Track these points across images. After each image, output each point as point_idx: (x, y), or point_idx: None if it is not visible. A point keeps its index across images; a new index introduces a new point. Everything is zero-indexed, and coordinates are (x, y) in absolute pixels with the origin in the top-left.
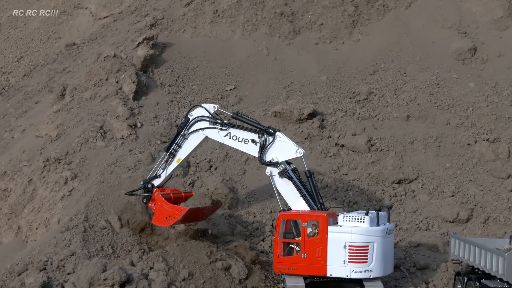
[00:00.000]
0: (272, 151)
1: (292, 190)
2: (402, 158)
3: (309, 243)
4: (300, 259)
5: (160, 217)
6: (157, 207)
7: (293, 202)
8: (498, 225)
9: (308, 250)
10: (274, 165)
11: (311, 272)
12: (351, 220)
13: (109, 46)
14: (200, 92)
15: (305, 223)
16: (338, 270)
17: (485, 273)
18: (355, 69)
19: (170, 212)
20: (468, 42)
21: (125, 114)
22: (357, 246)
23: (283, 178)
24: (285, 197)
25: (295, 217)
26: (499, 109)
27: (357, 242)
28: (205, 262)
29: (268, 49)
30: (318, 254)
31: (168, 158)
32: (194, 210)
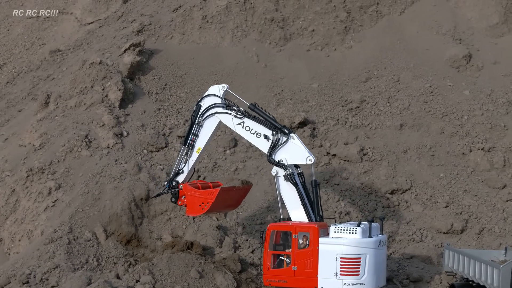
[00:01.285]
0: (282, 151)
1: (294, 196)
2: (395, 167)
3: (300, 255)
4: (291, 271)
5: (193, 207)
6: (188, 198)
7: (292, 208)
8: (493, 236)
9: (299, 262)
10: (282, 167)
11: (301, 284)
12: (343, 231)
13: (95, 53)
14: (188, 100)
15: (296, 234)
16: (329, 283)
17: (480, 285)
18: (347, 76)
19: (202, 199)
20: (463, 49)
21: (111, 123)
22: (349, 258)
23: (288, 182)
24: (286, 201)
25: (285, 228)
26: (494, 118)
27: (349, 254)
28: (192, 275)
29: (258, 56)
30: (309, 266)
31: (187, 150)
32: (226, 191)
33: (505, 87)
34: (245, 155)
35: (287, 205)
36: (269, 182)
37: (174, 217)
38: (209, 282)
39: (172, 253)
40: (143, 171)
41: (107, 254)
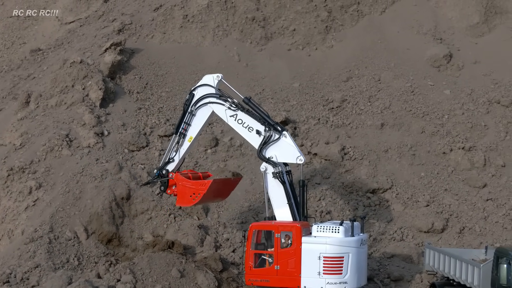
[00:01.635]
0: (273, 148)
1: (281, 194)
2: (376, 167)
3: (283, 254)
4: (273, 270)
5: (184, 197)
6: (179, 187)
7: (278, 207)
8: (473, 235)
9: (282, 261)
10: (272, 164)
11: (284, 284)
12: (326, 230)
13: (76, 52)
14: (169, 99)
15: (278, 233)
16: (312, 282)
17: (461, 284)
18: (328, 76)
19: (193, 189)
20: (443, 49)
21: (92, 122)
22: (332, 257)
23: (276, 180)
24: (272, 199)
25: (268, 227)
26: (475, 117)
27: (332, 253)
28: (173, 274)
29: (239, 55)
30: (291, 266)
31: (179, 139)
32: (218, 182)
33: (485, 87)
34: (226, 154)
35: (273, 203)
36: (250, 181)
37: (155, 216)
38: (190, 282)
39: (153, 252)
40: (124, 171)
41: (88, 253)
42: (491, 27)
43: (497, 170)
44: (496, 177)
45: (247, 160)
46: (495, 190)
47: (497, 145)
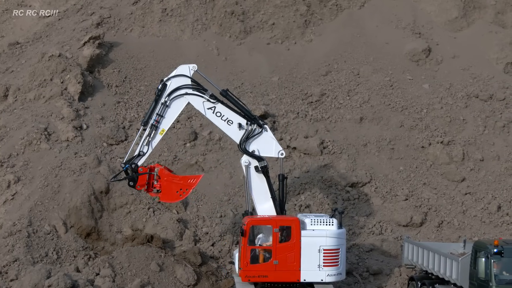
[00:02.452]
0: (255, 143)
1: (264, 188)
2: (355, 161)
3: (281, 249)
4: (272, 265)
5: (169, 193)
6: (164, 183)
7: (260, 201)
8: (452, 229)
9: (280, 256)
10: (257, 158)
11: (283, 278)
12: (320, 223)
13: (54, 46)
14: (148, 93)
15: (277, 228)
16: (312, 275)
17: (439, 278)
18: (307, 70)
19: (181, 185)
20: (422, 43)
21: (70, 116)
22: (331, 249)
23: (260, 174)
24: (255, 193)
25: (266, 222)
26: (453, 111)
27: (330, 245)
28: (153, 268)
29: (218, 49)
30: (291, 260)
31: (150, 131)
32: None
33: (464, 81)
34: (205, 148)
35: (255, 197)
36: (229, 175)
37: (134, 210)
38: (169, 275)
39: (132, 246)
40: (102, 164)
41: (67, 247)
42: (469, 21)
43: (476, 164)
44: (474, 171)
45: (226, 154)
46: (474, 184)
47: (476, 139)
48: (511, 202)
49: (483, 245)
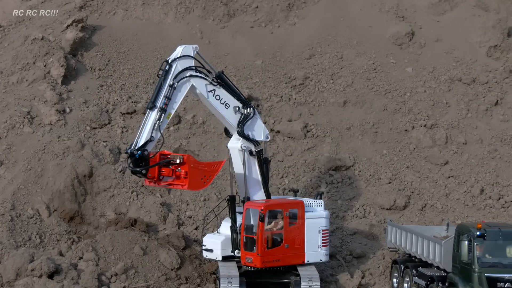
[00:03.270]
0: (248, 127)
1: (257, 173)
2: (338, 144)
3: (291, 232)
4: (284, 249)
5: (195, 180)
6: (192, 170)
7: (253, 185)
8: (435, 212)
9: (290, 239)
10: (254, 143)
11: (291, 261)
12: (312, 205)
13: (37, 29)
14: (131, 76)
15: (287, 212)
16: (313, 256)
17: (422, 261)
18: (291, 53)
19: (205, 172)
20: (405, 27)
21: (54, 99)
22: (326, 230)
23: (254, 158)
24: (249, 177)
25: (278, 206)
26: (436, 95)
27: (326, 226)
28: (136, 252)
29: (201, 33)
30: (298, 242)
31: (160, 115)
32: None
33: (447, 64)
34: (188, 132)
35: (248, 181)
36: (213, 158)
37: (117, 194)
38: (153, 259)
39: (116, 230)
40: (86, 148)
41: (50, 231)
42: (452, 5)
43: (459, 147)
44: (457, 154)
45: (210, 138)
46: (457, 168)
47: (459, 122)
48: (493, 185)
49: (466, 228)
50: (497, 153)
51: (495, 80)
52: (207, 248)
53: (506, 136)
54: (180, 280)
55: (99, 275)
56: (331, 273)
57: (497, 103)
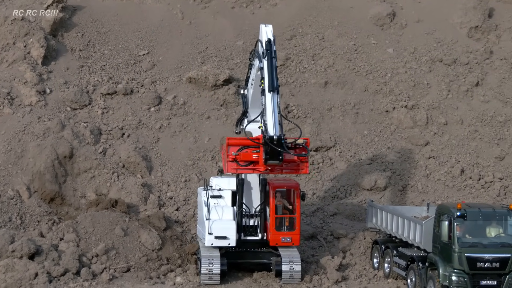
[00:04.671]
0: None
1: None
2: (319, 125)
3: (298, 211)
4: (294, 229)
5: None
6: None
7: None
8: (416, 192)
9: (298, 218)
10: None
11: (298, 240)
12: None
13: (17, 9)
14: (112, 57)
15: (297, 190)
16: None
17: (403, 241)
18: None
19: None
20: (386, 7)
21: (34, 80)
22: None
23: None
24: None
25: (288, 186)
26: (417, 76)
27: None
28: (117, 233)
29: (182, 13)
30: (298, 221)
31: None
32: None
33: (428, 45)
34: (169, 113)
35: None
36: (194, 139)
37: (98, 175)
38: (133, 240)
39: (97, 211)
40: (66, 129)
41: (31, 212)
42: None
43: (439, 128)
44: (438, 135)
45: (191, 119)
46: (437, 148)
47: (439, 103)
48: (474, 166)
49: (446, 208)
50: (477, 133)
51: (475, 61)
52: (219, 235)
53: (486, 117)
54: (161, 261)
55: (80, 256)
56: (312, 253)
57: (478, 84)
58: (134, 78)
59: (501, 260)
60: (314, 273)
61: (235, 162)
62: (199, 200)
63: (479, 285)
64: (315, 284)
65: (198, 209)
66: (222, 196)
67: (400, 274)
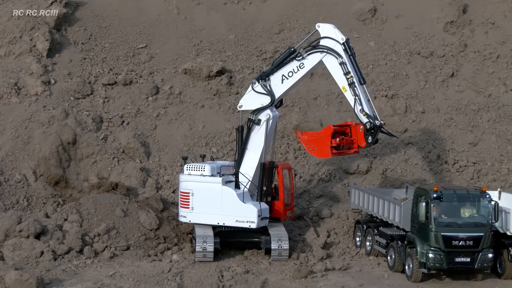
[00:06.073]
0: None
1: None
2: (306, 113)
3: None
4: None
5: None
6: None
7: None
8: (395, 176)
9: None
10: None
11: (292, 215)
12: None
13: (23, 5)
14: (112, 50)
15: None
16: None
17: (383, 221)
18: (261, 28)
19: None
20: (368, 3)
21: (39, 71)
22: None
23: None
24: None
25: (288, 167)
26: (397, 67)
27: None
28: (117, 214)
29: (178, 9)
30: (293, 198)
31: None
32: None
33: (407, 39)
34: (166, 102)
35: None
36: (189, 127)
37: (99, 160)
38: (133, 220)
39: (98, 193)
40: (70, 117)
41: (37, 194)
42: None
43: (417, 116)
44: (416, 122)
45: (186, 107)
46: (415, 135)
47: (417, 93)
48: (449, 151)
49: (423, 190)
50: (452, 121)
51: (451, 54)
52: (264, 216)
53: (461, 106)
54: (159, 239)
55: (83, 236)
56: (299, 232)
57: (453, 75)
58: (133, 69)
59: (474, 239)
60: (301, 251)
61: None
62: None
63: (454, 262)
64: (301, 261)
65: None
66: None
67: (381, 251)
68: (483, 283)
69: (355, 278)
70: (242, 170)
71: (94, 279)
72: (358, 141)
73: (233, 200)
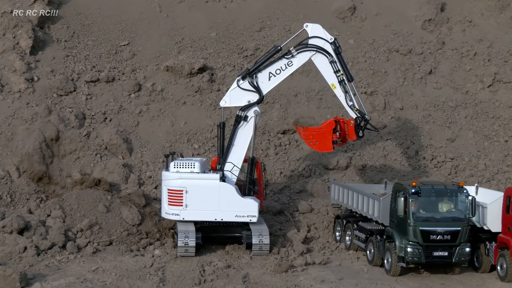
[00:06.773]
0: None
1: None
2: (286, 110)
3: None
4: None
5: None
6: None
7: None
8: (374, 171)
9: None
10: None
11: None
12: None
13: (6, 3)
14: (95, 47)
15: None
16: None
17: (362, 216)
18: (243, 26)
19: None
20: (348, 2)
21: (22, 68)
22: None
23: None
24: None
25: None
26: (376, 64)
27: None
28: (100, 209)
29: (160, 7)
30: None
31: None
32: None
33: (385, 37)
34: (148, 99)
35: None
36: (171, 123)
37: (82, 156)
38: (115, 216)
39: (81, 189)
40: (53, 114)
41: (20, 190)
42: None
43: (396, 112)
44: (395, 119)
45: (168, 104)
46: (394, 131)
47: (396, 90)
48: (427, 147)
49: (402, 186)
50: (430, 117)
51: (429, 51)
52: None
53: (438, 102)
54: (141, 235)
55: (66, 231)
56: (280, 227)
57: (431, 72)
58: (115, 66)
59: (452, 233)
60: (282, 246)
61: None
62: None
63: (432, 255)
64: (282, 256)
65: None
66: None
67: (360, 246)
68: (461, 277)
69: (335, 272)
70: (228, 166)
71: (77, 274)
72: (349, 135)
73: (232, 195)
